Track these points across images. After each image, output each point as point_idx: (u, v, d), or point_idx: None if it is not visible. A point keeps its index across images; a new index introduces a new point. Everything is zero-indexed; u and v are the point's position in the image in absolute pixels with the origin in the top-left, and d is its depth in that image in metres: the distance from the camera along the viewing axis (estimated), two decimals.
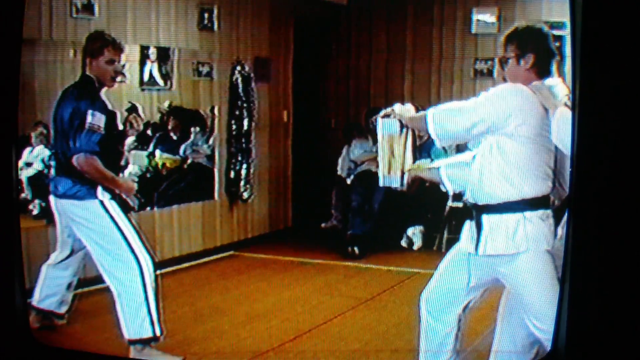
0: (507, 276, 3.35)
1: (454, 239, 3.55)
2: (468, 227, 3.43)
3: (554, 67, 3.31)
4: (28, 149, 5.74)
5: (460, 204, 3.56)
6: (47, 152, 5.81)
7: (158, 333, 4.13)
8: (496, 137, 3.27)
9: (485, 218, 3.32)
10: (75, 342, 4.20)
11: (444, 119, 3.34)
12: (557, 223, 3.35)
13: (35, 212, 5.51)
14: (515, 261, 3.29)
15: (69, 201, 4.21)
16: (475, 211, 3.37)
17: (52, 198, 4.31)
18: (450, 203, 6.21)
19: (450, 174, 3.45)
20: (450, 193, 3.58)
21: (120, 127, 4.36)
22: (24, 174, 5.63)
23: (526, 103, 3.23)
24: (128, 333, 4.13)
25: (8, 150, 3.59)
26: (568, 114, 3.18)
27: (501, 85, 3.32)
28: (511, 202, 3.27)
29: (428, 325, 3.53)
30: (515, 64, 3.31)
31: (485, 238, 3.33)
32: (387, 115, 3.55)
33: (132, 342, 4.13)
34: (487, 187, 3.31)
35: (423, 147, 6.72)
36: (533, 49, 3.29)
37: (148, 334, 4.12)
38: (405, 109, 3.56)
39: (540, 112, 3.22)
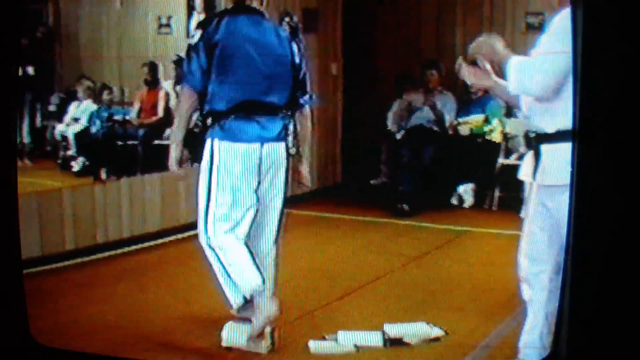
0: (554, 210, 3.22)
1: (505, 198, 3.43)
2: (529, 157, 3.32)
3: None
4: (75, 104, 5.73)
5: (511, 161, 3.42)
6: (94, 107, 5.80)
7: None
8: None
9: (544, 147, 3.21)
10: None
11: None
12: None
13: (76, 168, 5.48)
14: (565, 194, 3.15)
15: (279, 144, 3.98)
16: (534, 140, 3.25)
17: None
18: (501, 160, 6.14)
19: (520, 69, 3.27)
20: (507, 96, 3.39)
21: None
22: (71, 130, 5.63)
23: None
24: None
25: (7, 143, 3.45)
26: None
27: (559, 17, 3.16)
28: (568, 130, 3.14)
29: None
30: None
31: (542, 167, 3.22)
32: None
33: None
34: (547, 113, 3.18)
35: (477, 103, 6.63)
36: None
37: None
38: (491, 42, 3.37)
39: None
